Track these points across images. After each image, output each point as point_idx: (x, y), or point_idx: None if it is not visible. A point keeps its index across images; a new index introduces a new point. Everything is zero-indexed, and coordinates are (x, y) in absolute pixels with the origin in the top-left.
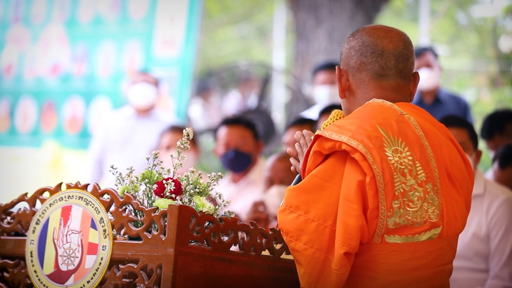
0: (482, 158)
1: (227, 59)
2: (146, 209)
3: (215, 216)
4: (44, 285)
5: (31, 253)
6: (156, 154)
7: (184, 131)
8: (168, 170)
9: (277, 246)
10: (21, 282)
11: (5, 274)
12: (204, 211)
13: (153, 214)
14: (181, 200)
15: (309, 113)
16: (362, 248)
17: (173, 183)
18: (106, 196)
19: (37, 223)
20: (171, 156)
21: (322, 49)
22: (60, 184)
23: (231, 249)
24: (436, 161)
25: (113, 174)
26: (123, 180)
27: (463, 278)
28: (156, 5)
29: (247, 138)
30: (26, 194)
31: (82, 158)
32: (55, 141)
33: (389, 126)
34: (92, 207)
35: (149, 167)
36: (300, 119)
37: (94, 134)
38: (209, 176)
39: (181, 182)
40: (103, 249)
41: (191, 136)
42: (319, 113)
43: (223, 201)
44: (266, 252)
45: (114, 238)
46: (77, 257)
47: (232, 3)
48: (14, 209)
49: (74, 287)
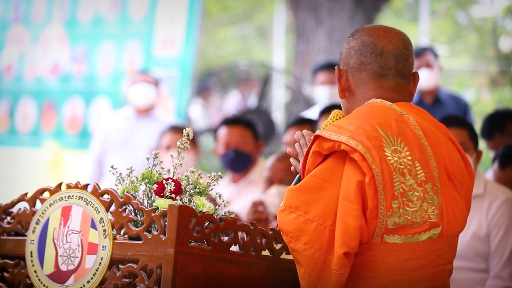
0: (482, 158)
1: (227, 59)
2: (146, 209)
3: (215, 216)
4: (44, 285)
5: (31, 253)
6: (156, 154)
7: (184, 131)
8: (168, 170)
9: (277, 246)
10: (21, 282)
11: (5, 274)
12: (204, 211)
13: (153, 214)
14: (181, 200)
15: (309, 113)
16: (362, 248)
17: (173, 183)
18: (106, 196)
19: (37, 223)
20: (171, 156)
21: (322, 49)
22: (60, 184)
23: (231, 249)
24: (436, 161)
25: (113, 174)
26: (123, 180)
27: (463, 278)
28: (156, 5)
29: (247, 138)
30: (26, 194)
31: (82, 158)
32: (55, 141)
33: (389, 126)
34: (92, 207)
35: (149, 167)
36: (300, 119)
37: (94, 134)
38: (209, 176)
39: (181, 182)
40: (103, 249)
41: (191, 136)
42: (319, 113)
43: (223, 201)
44: (266, 252)
45: (114, 238)
46: (77, 257)
47: (232, 3)
48: (14, 209)
49: (74, 287)
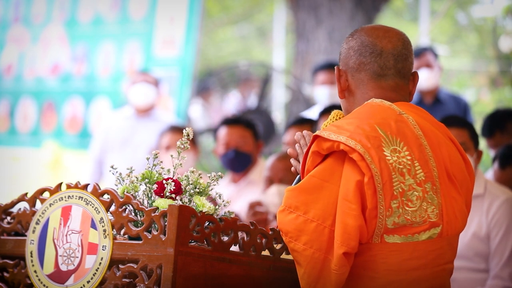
0: (482, 157)
1: (227, 59)
2: (146, 209)
3: (215, 216)
4: (44, 285)
5: (31, 253)
6: (156, 154)
7: (184, 131)
8: (168, 170)
9: (277, 246)
10: (21, 282)
11: (5, 274)
12: (204, 211)
13: (153, 214)
14: (181, 200)
15: (309, 113)
16: (361, 248)
17: (173, 183)
18: (106, 196)
19: (37, 223)
20: (171, 156)
21: (322, 49)
22: (60, 184)
23: (231, 249)
24: (435, 161)
25: (113, 174)
26: (123, 180)
27: (463, 278)
28: (156, 5)
29: (247, 138)
30: (26, 194)
31: (82, 158)
32: (55, 141)
33: (388, 125)
34: (92, 207)
35: (149, 167)
36: (300, 119)
37: (94, 134)
38: (209, 176)
39: (181, 182)
40: (103, 249)
41: (191, 136)
42: (319, 113)
43: (223, 201)
44: (266, 252)
45: (114, 238)
46: (77, 257)
47: (232, 3)
48: (14, 209)
49: (74, 287)
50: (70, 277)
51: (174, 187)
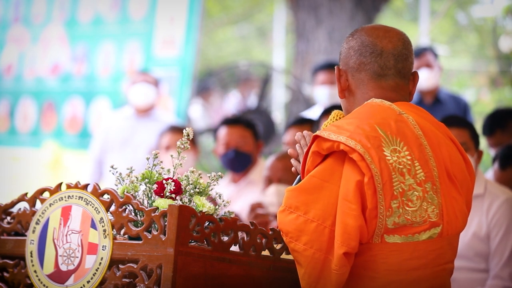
0: (482, 158)
1: (227, 59)
2: (146, 209)
3: (215, 216)
4: (44, 285)
5: (31, 253)
6: (156, 154)
7: (184, 131)
8: (168, 170)
9: (277, 246)
10: (21, 282)
11: (5, 274)
12: (204, 211)
13: (153, 214)
14: (181, 200)
15: (309, 113)
16: (362, 248)
17: (173, 183)
18: (106, 196)
19: (37, 223)
20: (171, 156)
21: (322, 49)
22: (60, 184)
23: (231, 249)
24: (436, 161)
25: (113, 174)
26: (123, 180)
27: (463, 278)
28: (156, 5)
29: (247, 138)
30: (26, 194)
31: (82, 158)
32: (55, 141)
33: (388, 125)
34: (92, 207)
35: (149, 167)
36: (300, 119)
37: (94, 134)
38: (209, 176)
39: (181, 182)
40: (103, 249)
41: (191, 136)
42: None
43: (223, 201)
44: (266, 252)
45: (114, 238)
46: (77, 257)
47: (232, 3)
48: (14, 209)
49: (74, 287)
50: (70, 277)
51: (174, 187)
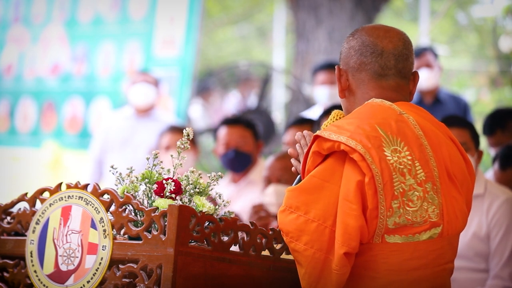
0: (482, 158)
1: (227, 59)
2: (146, 209)
3: (215, 216)
4: (44, 285)
5: (31, 253)
6: (156, 154)
7: (184, 131)
8: (168, 170)
9: (277, 246)
10: (21, 282)
11: (5, 274)
12: (204, 211)
13: (153, 214)
14: (181, 200)
15: (309, 113)
16: (362, 248)
17: (173, 183)
18: (106, 196)
19: (37, 223)
20: (171, 156)
21: (322, 49)
22: (60, 184)
23: (231, 249)
24: (436, 161)
25: (113, 174)
26: (123, 180)
27: (463, 278)
28: (156, 5)
29: (247, 138)
30: (26, 194)
31: (82, 158)
32: (55, 141)
33: (388, 125)
34: (92, 207)
35: (149, 167)
36: (300, 119)
37: (94, 134)
38: (209, 176)
39: (181, 182)
40: (103, 249)
41: (191, 136)
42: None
43: (223, 201)
44: (266, 252)
45: (114, 238)
46: (77, 257)
47: (232, 3)
48: (14, 209)
49: (74, 287)
50: (70, 277)
51: (174, 187)
